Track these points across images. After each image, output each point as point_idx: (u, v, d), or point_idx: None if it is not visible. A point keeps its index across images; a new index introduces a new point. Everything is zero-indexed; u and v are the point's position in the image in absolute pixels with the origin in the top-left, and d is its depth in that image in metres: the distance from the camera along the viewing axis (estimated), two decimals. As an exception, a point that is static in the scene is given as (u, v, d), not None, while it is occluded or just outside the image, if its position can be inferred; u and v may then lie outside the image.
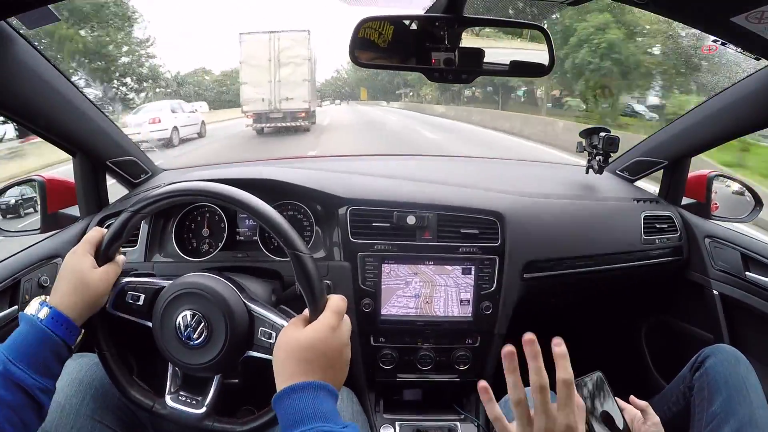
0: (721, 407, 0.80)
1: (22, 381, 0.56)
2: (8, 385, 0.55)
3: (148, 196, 0.68)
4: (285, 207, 1.06)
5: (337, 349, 0.57)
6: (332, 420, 0.50)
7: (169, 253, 1.03)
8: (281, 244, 0.63)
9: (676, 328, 1.30)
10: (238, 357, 0.70)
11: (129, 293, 0.73)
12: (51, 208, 1.09)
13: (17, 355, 0.57)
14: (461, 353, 1.07)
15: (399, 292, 1.02)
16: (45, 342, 0.59)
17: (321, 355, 0.55)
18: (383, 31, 0.74)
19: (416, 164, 1.58)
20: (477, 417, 1.11)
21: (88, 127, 1.01)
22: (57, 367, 0.61)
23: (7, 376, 0.55)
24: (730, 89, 1.04)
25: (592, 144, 1.26)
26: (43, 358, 0.59)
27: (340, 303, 0.60)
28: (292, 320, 0.60)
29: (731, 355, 0.86)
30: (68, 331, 0.62)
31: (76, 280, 0.64)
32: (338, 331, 0.57)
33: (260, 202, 0.65)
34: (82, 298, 0.64)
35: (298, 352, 0.55)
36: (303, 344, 0.55)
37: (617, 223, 1.19)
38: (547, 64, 0.79)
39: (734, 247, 1.15)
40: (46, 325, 0.60)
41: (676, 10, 0.63)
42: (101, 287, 0.66)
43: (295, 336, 0.56)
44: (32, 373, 0.57)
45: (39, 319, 0.60)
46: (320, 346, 0.55)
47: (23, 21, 0.74)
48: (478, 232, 1.04)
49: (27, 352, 0.58)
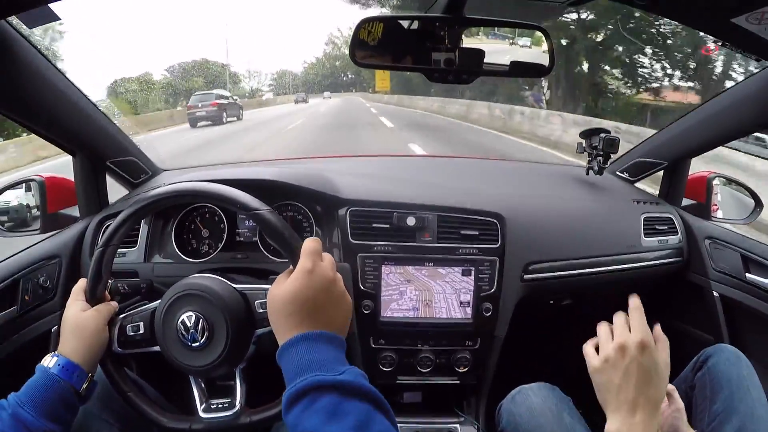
0: (723, 405, 0.80)
1: (29, 423, 0.60)
2: (17, 427, 0.60)
3: (109, 229, 0.70)
4: (285, 207, 1.06)
5: (322, 290, 0.55)
6: (329, 368, 0.49)
7: (168, 253, 1.03)
8: (237, 210, 0.64)
9: (676, 330, 1.29)
10: (247, 344, 0.70)
11: (128, 327, 0.73)
12: (51, 208, 1.09)
13: (27, 399, 0.62)
14: (461, 355, 1.07)
15: (399, 294, 1.02)
16: (53, 388, 0.64)
17: (304, 302, 0.53)
18: (384, 31, 0.74)
19: (416, 165, 1.58)
20: (477, 419, 1.10)
21: (88, 127, 1.01)
22: (64, 412, 0.65)
23: (15, 417, 0.60)
24: (730, 90, 1.04)
25: (592, 145, 1.26)
26: (51, 403, 0.63)
27: (312, 243, 0.58)
28: (276, 279, 0.58)
29: (732, 355, 0.86)
30: (76, 376, 0.66)
31: (72, 326, 0.69)
32: (315, 273, 0.55)
33: (202, 184, 0.67)
34: (83, 343, 0.68)
35: (283, 307, 0.54)
36: (285, 298, 0.54)
37: (617, 224, 1.19)
38: (547, 64, 0.79)
39: (734, 248, 1.14)
40: (54, 372, 0.65)
41: (675, 10, 0.63)
42: (97, 326, 0.69)
43: (276, 293, 0.55)
44: (39, 417, 0.61)
45: (48, 368, 0.65)
46: (302, 294, 0.54)
47: (23, 20, 0.74)
48: (478, 233, 1.04)
49: (35, 396, 0.63)
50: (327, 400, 0.46)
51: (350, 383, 0.47)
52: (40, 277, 0.98)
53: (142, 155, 1.20)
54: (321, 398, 0.46)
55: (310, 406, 0.46)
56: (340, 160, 1.59)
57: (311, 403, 0.46)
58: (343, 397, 0.46)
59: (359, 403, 0.47)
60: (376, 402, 0.48)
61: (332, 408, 0.45)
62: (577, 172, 1.37)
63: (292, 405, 0.47)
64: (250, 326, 0.70)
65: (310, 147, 8.85)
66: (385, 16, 0.77)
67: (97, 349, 0.69)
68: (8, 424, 0.60)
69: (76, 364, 0.66)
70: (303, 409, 0.46)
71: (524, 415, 0.85)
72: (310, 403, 0.46)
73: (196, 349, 0.68)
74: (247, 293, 0.72)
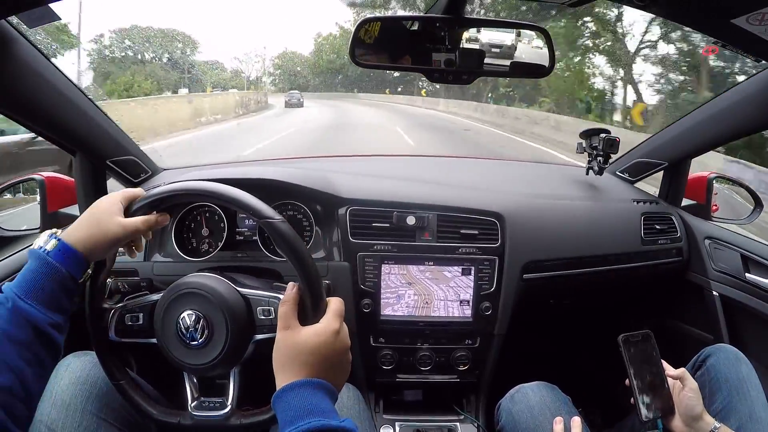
0: (722, 405, 0.81)
1: (31, 316, 0.55)
2: (19, 322, 0.54)
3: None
4: (285, 207, 1.06)
5: (340, 353, 0.57)
6: (330, 416, 0.50)
7: (168, 252, 1.03)
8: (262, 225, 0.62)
9: (676, 330, 1.29)
10: (245, 347, 0.70)
11: (127, 316, 0.72)
12: (51, 207, 1.08)
13: (25, 291, 0.56)
14: (461, 354, 1.07)
15: (399, 293, 1.02)
16: (52, 275, 0.58)
17: (324, 359, 0.55)
18: (384, 31, 0.74)
19: (416, 164, 1.58)
20: (477, 417, 1.11)
21: (88, 126, 1.01)
22: (66, 300, 0.59)
23: (16, 312, 0.55)
24: (730, 91, 1.04)
25: (592, 145, 1.26)
26: (51, 292, 0.57)
27: (341, 306, 0.60)
28: (288, 317, 0.57)
29: (732, 354, 0.86)
30: (75, 263, 0.60)
31: (95, 217, 0.63)
32: (341, 335, 0.57)
33: (229, 189, 0.65)
34: (94, 234, 0.61)
35: (300, 355, 0.54)
36: (306, 349, 0.55)
37: (617, 224, 1.19)
38: (547, 65, 0.79)
39: (734, 248, 1.15)
40: (52, 257, 0.58)
41: (676, 11, 0.63)
42: (118, 232, 0.63)
43: (298, 340, 0.55)
44: (42, 308, 0.56)
45: (45, 251, 0.58)
46: (323, 351, 0.55)
47: (23, 20, 0.74)
48: (477, 232, 1.04)
49: (35, 287, 0.57)
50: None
51: (351, 431, 0.50)
52: None
53: (142, 154, 1.20)
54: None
55: None
56: (340, 160, 1.59)
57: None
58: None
59: None
60: None
61: None
62: (577, 172, 1.37)
63: None
64: (249, 331, 0.70)
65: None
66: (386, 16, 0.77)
67: (101, 253, 0.63)
68: (9, 320, 0.54)
69: (75, 249, 0.59)
70: None
71: (523, 413, 0.85)
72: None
73: (195, 347, 0.68)
74: (251, 298, 0.71)
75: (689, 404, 0.76)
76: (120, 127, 1.11)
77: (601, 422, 1.23)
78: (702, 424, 0.75)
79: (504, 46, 0.92)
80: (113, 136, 1.09)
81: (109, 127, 1.06)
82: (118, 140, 1.10)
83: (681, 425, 0.78)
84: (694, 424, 0.76)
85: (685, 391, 0.78)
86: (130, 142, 1.15)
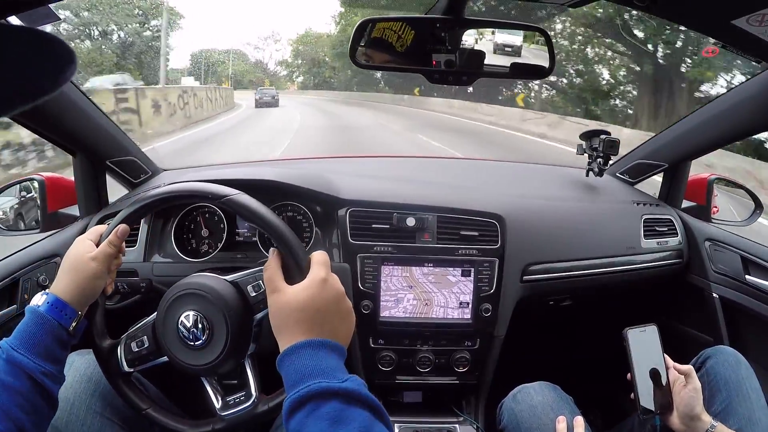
0: (721, 407, 0.81)
1: (24, 366, 0.58)
2: (14, 372, 0.58)
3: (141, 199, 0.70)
4: (284, 208, 1.06)
5: (333, 301, 0.55)
6: (332, 375, 0.49)
7: (168, 253, 1.03)
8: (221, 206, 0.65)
9: (676, 331, 1.29)
10: (249, 332, 0.70)
11: (132, 343, 0.72)
12: (51, 208, 1.09)
13: (19, 342, 0.60)
14: (460, 355, 1.07)
15: (398, 294, 1.02)
16: (44, 327, 0.61)
17: (316, 311, 0.53)
18: (383, 32, 0.74)
19: (416, 166, 1.58)
20: (476, 419, 1.10)
21: (88, 126, 1.01)
22: (59, 351, 0.63)
23: (10, 362, 0.58)
24: (730, 92, 1.04)
25: (592, 146, 1.26)
26: (44, 342, 0.61)
27: (325, 256, 0.58)
28: (273, 280, 0.57)
29: (732, 356, 0.86)
30: (64, 314, 0.63)
31: (71, 265, 0.66)
32: (329, 283, 0.55)
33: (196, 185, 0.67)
34: (77, 285, 0.65)
35: (293, 313, 0.53)
36: (297, 305, 0.53)
37: (617, 225, 1.19)
38: (547, 65, 0.79)
39: (734, 250, 1.14)
40: (44, 311, 0.62)
41: (676, 12, 0.63)
42: (95, 266, 0.66)
43: (286, 299, 0.54)
44: (34, 358, 0.59)
45: (38, 306, 0.63)
46: (315, 304, 0.53)
47: (23, 20, 0.74)
48: (477, 234, 1.04)
49: (28, 338, 0.60)
50: (331, 406, 0.46)
51: (354, 391, 0.48)
52: (40, 276, 0.98)
53: (142, 155, 1.20)
54: (325, 405, 0.46)
55: (314, 412, 0.46)
56: (340, 161, 1.59)
57: (315, 408, 0.46)
58: (347, 405, 0.47)
59: (361, 410, 0.47)
60: (377, 410, 0.49)
61: (336, 414, 0.46)
62: (577, 173, 1.37)
63: (295, 411, 0.47)
64: (247, 313, 0.70)
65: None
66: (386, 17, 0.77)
67: (89, 293, 0.67)
68: (4, 370, 0.58)
69: (65, 302, 0.64)
70: (306, 414, 0.46)
71: (525, 413, 0.85)
72: (313, 408, 0.47)
73: (200, 347, 0.68)
74: (238, 281, 0.72)
75: (690, 402, 0.76)
76: (120, 127, 1.11)
77: (601, 423, 1.23)
78: (699, 423, 0.76)
79: (515, 46, 0.95)
80: (113, 137, 1.09)
81: (109, 128, 1.06)
82: (118, 140, 1.10)
83: (678, 422, 0.78)
84: (691, 423, 0.76)
85: (688, 389, 0.77)
86: (130, 143, 1.15)
